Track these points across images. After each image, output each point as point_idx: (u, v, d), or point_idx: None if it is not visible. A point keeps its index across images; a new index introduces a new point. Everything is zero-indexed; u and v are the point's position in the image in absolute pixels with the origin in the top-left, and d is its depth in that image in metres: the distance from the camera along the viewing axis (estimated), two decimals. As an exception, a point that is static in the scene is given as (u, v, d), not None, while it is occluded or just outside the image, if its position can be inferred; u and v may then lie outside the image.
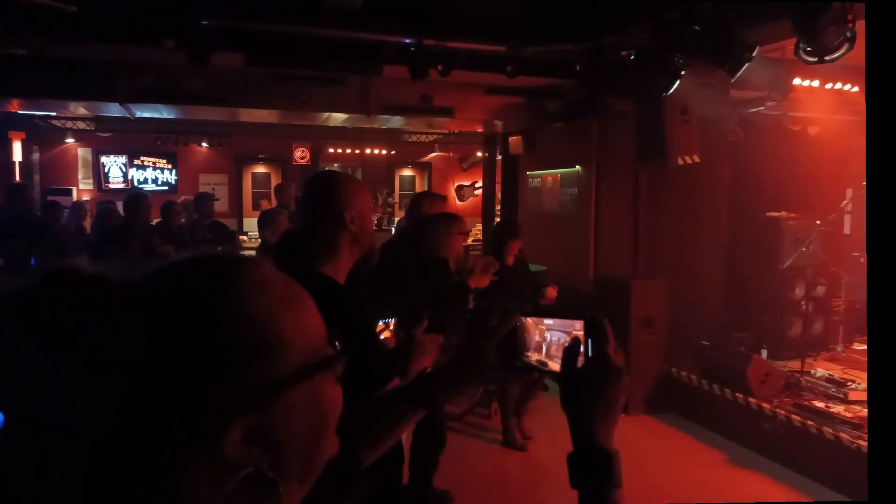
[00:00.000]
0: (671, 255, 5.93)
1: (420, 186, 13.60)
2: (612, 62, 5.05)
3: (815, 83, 5.89)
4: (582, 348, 0.92)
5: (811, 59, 3.39)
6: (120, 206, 6.07)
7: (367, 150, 12.81)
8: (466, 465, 4.52)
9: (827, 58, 3.34)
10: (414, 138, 11.66)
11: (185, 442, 0.55)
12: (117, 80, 6.04)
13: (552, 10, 4.91)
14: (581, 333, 0.94)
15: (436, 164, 13.67)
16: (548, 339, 1.05)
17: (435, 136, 11.60)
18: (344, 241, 1.83)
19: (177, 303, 0.58)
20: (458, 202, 13.35)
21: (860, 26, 3.49)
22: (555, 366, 1.01)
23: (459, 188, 13.68)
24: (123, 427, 0.55)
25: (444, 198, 3.75)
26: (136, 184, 11.47)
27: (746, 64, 3.70)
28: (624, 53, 4.88)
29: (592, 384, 0.89)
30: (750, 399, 4.82)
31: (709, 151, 5.62)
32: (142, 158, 11.72)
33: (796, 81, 5.77)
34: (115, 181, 11.56)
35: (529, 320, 1.09)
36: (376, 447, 1.11)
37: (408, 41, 5.13)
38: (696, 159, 5.00)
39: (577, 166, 6.77)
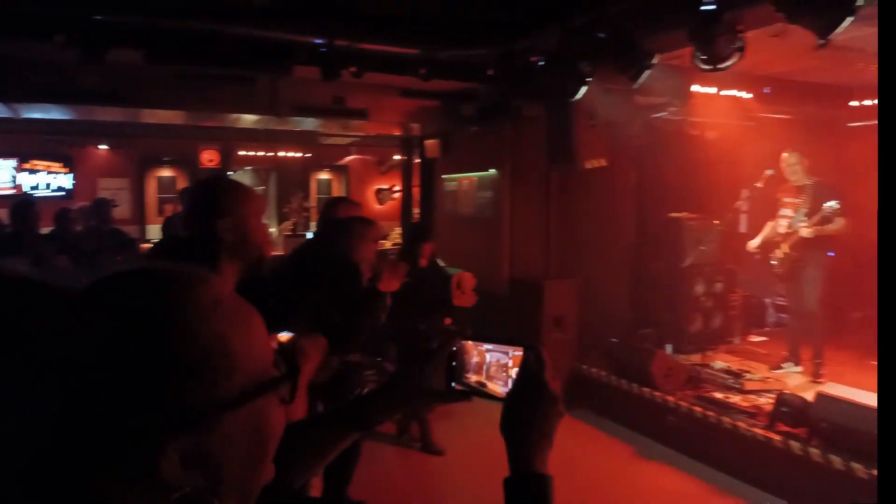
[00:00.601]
0: (581, 256, 6.11)
1: (337, 190, 13.41)
2: (523, 67, 5.16)
3: (713, 90, 6.24)
4: (519, 374, 0.96)
5: (706, 66, 3.58)
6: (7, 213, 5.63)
7: (281, 153, 12.50)
8: (383, 472, 4.47)
9: (720, 66, 3.54)
10: (330, 141, 11.48)
11: (121, 461, 0.54)
12: (5, 78, 5.61)
13: (465, 14, 4.96)
14: (519, 357, 0.98)
15: (354, 168, 13.51)
16: (487, 361, 1.06)
17: (352, 139, 11.47)
18: (221, 253, 1.72)
19: (123, 316, 0.56)
20: (377, 205, 13.26)
21: (749, 36, 3.71)
22: (494, 387, 1.03)
23: (379, 191, 13.59)
24: (59, 441, 0.53)
25: (359, 204, 3.70)
26: (27, 189, 10.68)
27: (647, 71, 3.86)
28: (534, 59, 4.99)
29: (530, 411, 0.93)
30: (655, 393, 5.03)
31: (616, 155, 5.83)
32: (33, 162, 10.93)
33: (695, 88, 6.09)
34: (4, 186, 10.73)
35: (469, 343, 1.09)
36: (308, 469, 1.09)
37: (318, 41, 5.04)
38: (604, 163, 5.18)
39: (492, 169, 6.86)
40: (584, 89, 4.51)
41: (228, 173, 11.19)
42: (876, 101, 7.33)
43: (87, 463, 0.53)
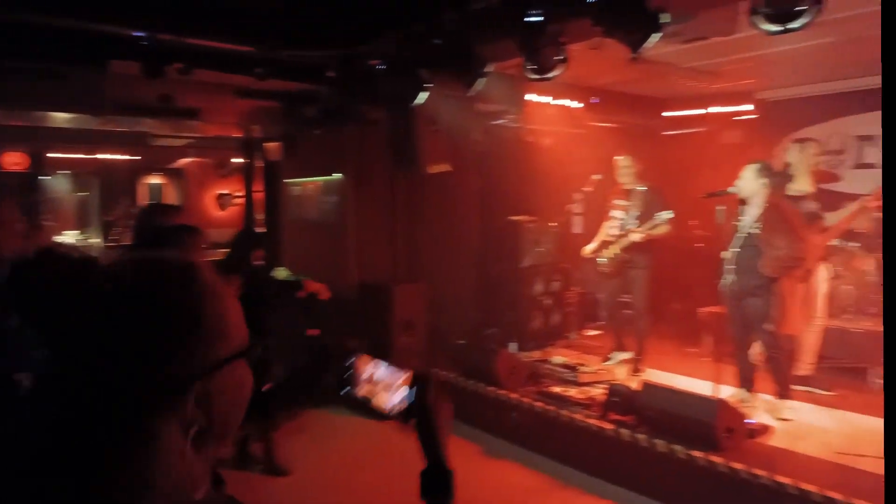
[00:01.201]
0: (428, 260, 6.16)
1: (171, 196, 12.47)
2: (365, 70, 5.08)
3: (546, 99, 6.58)
4: (411, 394, 1.15)
5: (535, 76, 3.73)
6: None
7: (104, 155, 11.37)
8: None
9: (547, 76, 3.70)
10: (161, 142, 10.61)
11: (158, 402, 0.73)
12: None
13: (303, 14, 4.79)
14: (409, 379, 1.16)
15: (190, 171, 12.63)
16: (378, 377, 1.21)
17: (187, 140, 10.70)
18: None
19: (154, 296, 0.76)
20: (218, 211, 12.51)
21: (576, 49, 3.92)
22: (379, 402, 1.19)
23: (220, 196, 12.83)
24: (102, 393, 0.71)
25: (181, 208, 3.40)
26: None
27: (482, 79, 3.95)
28: (374, 63, 4.94)
29: (432, 422, 1.16)
30: (500, 391, 5.17)
31: (458, 160, 5.95)
32: None
33: (530, 97, 6.38)
34: None
35: (365, 357, 1.23)
36: None
37: (139, 34, 4.61)
38: (447, 168, 5.25)
39: (337, 174, 6.72)
40: (423, 95, 4.53)
41: (40, 178, 9.99)
42: (685, 112, 8.14)
43: (132, 409, 0.72)
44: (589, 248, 6.04)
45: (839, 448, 4.09)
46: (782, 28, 2.79)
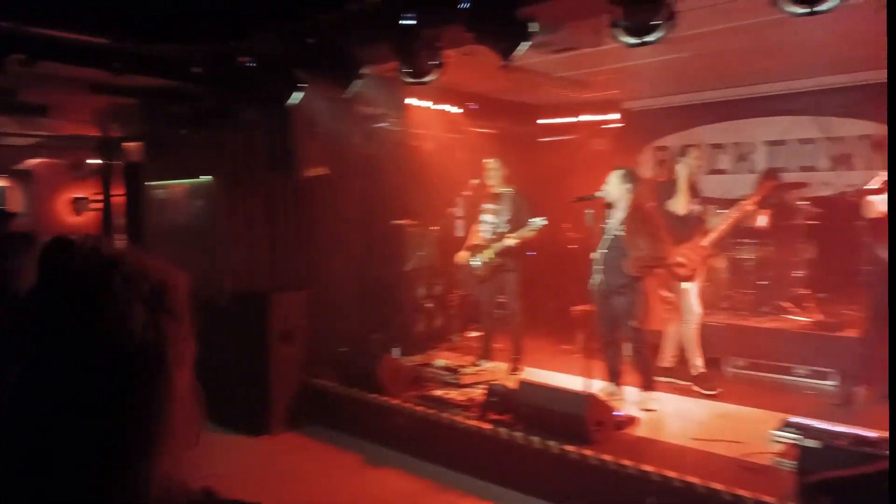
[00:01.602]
0: (310, 266, 5.98)
1: (16, 200, 11.29)
2: (238, 68, 4.85)
3: (427, 104, 6.62)
4: None
5: (410, 80, 3.72)
6: None
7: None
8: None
9: (422, 80, 3.71)
10: (6, 141, 9.59)
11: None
12: None
13: (170, 5, 4.48)
14: None
15: (40, 173, 11.51)
16: None
17: (36, 139, 9.74)
18: None
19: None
20: (74, 216, 11.49)
21: (454, 54, 3.95)
22: None
23: (76, 200, 11.79)
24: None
25: (14, 214, 3.07)
26: None
27: (358, 81, 3.88)
28: (245, 60, 4.72)
29: None
30: (382, 398, 5.12)
31: (339, 164, 5.84)
32: None
33: (411, 101, 6.39)
34: None
35: None
36: None
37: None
38: (324, 171, 5.12)
39: (207, 176, 6.36)
40: (298, 95, 4.39)
41: None
42: (558, 120, 8.49)
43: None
44: (462, 256, 6.07)
45: (696, 434, 4.40)
46: (640, 41, 2.96)
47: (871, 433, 3.87)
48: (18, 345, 0.76)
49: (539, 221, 5.49)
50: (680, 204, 5.26)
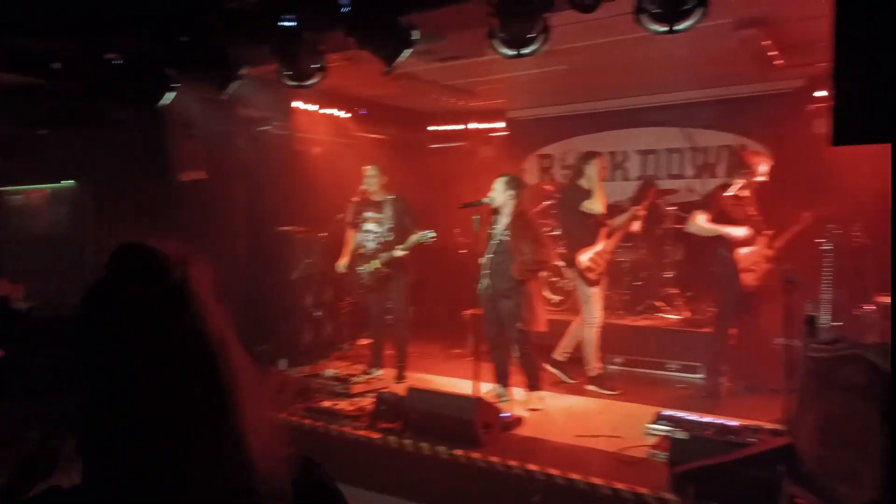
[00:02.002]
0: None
1: None
2: (105, 66, 4.51)
3: (314, 107, 6.48)
4: None
5: (291, 83, 3.63)
6: None
7: None
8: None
9: (304, 83, 3.62)
10: None
11: None
12: None
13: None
14: None
15: None
16: None
17: None
18: None
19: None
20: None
21: (336, 59, 3.89)
22: None
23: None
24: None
25: None
26: None
27: (236, 82, 3.73)
28: (112, 57, 4.41)
29: None
30: (268, 411, 4.93)
31: (221, 168, 5.58)
32: None
33: (297, 104, 6.23)
34: None
35: None
36: None
37: None
38: (202, 175, 4.88)
39: (70, 181, 5.87)
40: (170, 95, 4.15)
41: None
42: (447, 127, 8.61)
43: None
44: (340, 264, 5.97)
45: (579, 431, 4.58)
46: (516, 53, 3.05)
47: (734, 422, 4.20)
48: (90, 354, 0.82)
49: (428, 234, 5.47)
50: (598, 204, 5.41)
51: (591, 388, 5.59)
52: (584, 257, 5.38)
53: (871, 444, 2.32)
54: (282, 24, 3.27)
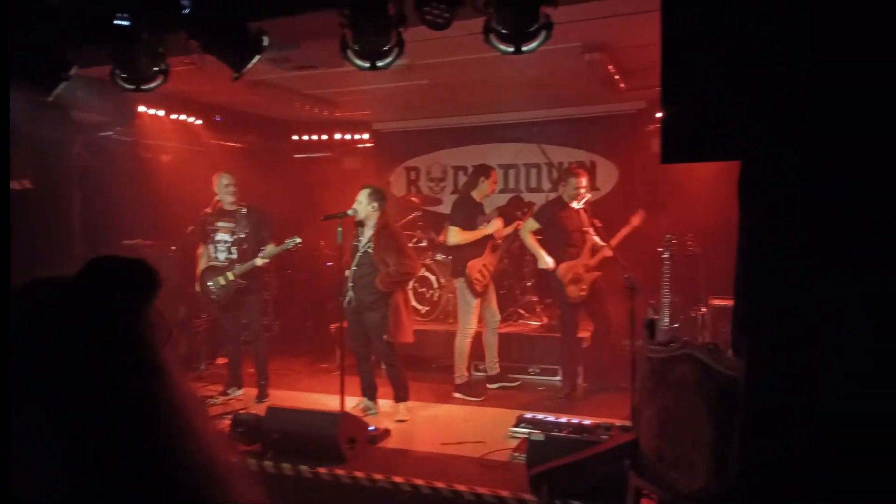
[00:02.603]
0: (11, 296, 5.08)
1: None
2: None
3: (161, 112, 6.08)
4: None
5: (128, 86, 3.38)
6: None
7: None
8: None
9: (144, 87, 3.38)
10: None
11: None
12: None
13: None
14: None
15: None
16: None
17: None
18: None
19: None
20: None
21: (176, 62, 3.65)
22: None
23: None
24: None
25: None
26: None
27: (64, 84, 3.41)
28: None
29: None
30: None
31: (54, 176, 5.07)
32: None
33: (141, 109, 5.82)
34: None
35: None
36: None
37: None
38: (28, 185, 4.40)
39: None
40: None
41: None
42: (312, 137, 8.44)
43: None
44: (199, 283, 5.67)
45: (445, 439, 4.63)
46: (371, 65, 3.05)
47: (588, 421, 4.44)
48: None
49: (292, 242, 5.31)
50: (493, 225, 5.71)
51: (457, 395, 5.70)
52: (474, 268, 5.57)
53: (702, 435, 2.53)
54: (116, 22, 3.01)
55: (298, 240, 5.30)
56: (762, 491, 2.69)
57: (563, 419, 4.47)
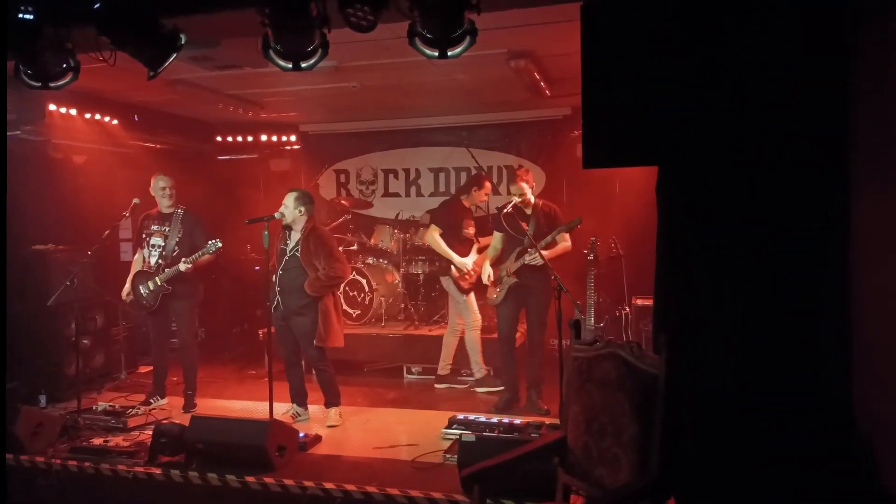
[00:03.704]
0: None
1: None
2: None
3: (73, 111, 5.78)
4: None
5: (33, 83, 3.18)
6: None
7: None
8: None
9: (52, 84, 3.20)
10: None
11: None
12: None
13: None
14: None
15: None
16: None
17: None
18: None
19: None
20: None
21: (86, 58, 3.46)
22: None
23: None
24: None
25: None
26: None
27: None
28: None
29: None
30: (22, 457, 4.27)
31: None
32: None
33: (51, 107, 5.52)
34: None
35: None
36: None
37: None
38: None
39: None
40: None
41: None
42: (237, 138, 8.21)
43: None
44: (126, 289, 5.45)
45: (377, 444, 4.59)
46: (293, 66, 2.99)
47: (519, 420, 4.51)
48: None
49: (213, 244, 5.16)
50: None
51: (481, 390, 5.76)
52: (462, 267, 5.78)
53: (626, 431, 2.62)
54: (21, 16, 2.83)
55: (219, 243, 5.15)
56: (683, 483, 2.82)
57: (495, 419, 4.52)
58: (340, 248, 6.57)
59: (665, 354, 2.52)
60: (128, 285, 5.43)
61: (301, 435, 4.49)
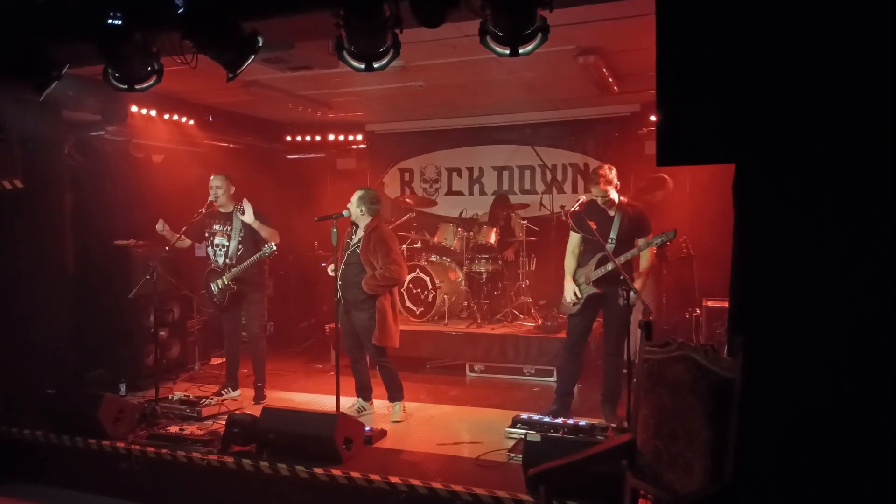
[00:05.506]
0: (5, 296, 5.04)
1: None
2: None
3: (153, 112, 6.05)
4: None
5: (122, 86, 3.35)
6: None
7: None
8: None
9: (138, 87, 3.36)
10: None
11: None
12: None
13: None
14: None
15: None
16: None
17: None
18: None
19: None
20: None
21: (169, 61, 3.61)
22: None
23: None
24: None
25: None
26: None
27: (55, 83, 3.38)
28: None
29: None
30: (104, 442, 4.50)
31: (41, 176, 5.03)
32: None
33: (133, 108, 5.78)
34: None
35: None
36: None
37: None
38: (18, 184, 4.36)
39: None
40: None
41: None
42: (306, 138, 8.41)
43: None
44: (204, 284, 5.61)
45: (441, 440, 4.62)
46: (366, 67, 3.03)
47: (584, 421, 4.44)
48: None
49: (269, 248, 5.28)
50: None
51: None
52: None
53: (698, 435, 2.54)
54: (109, 22, 2.98)
55: (274, 247, 5.28)
56: (758, 490, 2.71)
57: (559, 420, 4.47)
58: (404, 247, 6.66)
59: (742, 358, 2.43)
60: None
61: (367, 429, 4.56)
